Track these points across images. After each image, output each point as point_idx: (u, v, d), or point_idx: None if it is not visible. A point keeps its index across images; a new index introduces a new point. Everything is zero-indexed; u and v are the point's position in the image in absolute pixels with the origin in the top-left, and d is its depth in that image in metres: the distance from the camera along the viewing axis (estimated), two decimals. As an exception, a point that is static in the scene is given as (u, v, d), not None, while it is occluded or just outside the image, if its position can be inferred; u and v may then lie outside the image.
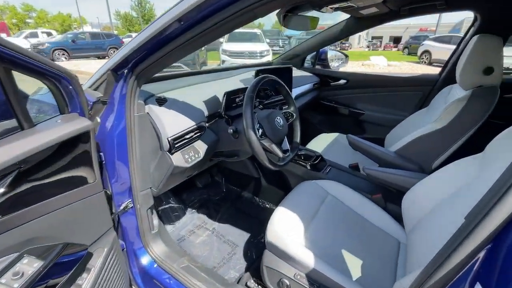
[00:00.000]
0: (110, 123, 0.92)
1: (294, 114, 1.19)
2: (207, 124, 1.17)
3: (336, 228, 1.01)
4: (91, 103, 0.89)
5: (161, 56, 0.80)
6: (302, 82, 1.90)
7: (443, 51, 10.95)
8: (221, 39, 9.68)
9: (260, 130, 0.99)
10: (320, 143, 1.77)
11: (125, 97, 0.89)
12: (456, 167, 0.91)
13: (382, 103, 1.96)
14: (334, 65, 2.32)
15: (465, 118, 1.15)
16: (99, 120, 0.93)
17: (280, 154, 1.05)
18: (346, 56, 2.35)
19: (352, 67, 10.06)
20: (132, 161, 0.95)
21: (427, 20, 29.72)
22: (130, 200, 1.02)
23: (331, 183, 1.23)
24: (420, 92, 1.81)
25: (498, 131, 0.83)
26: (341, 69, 2.34)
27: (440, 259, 0.46)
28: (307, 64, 2.26)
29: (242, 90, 1.18)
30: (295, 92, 1.76)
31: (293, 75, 1.73)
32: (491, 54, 1.14)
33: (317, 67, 2.24)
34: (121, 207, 1.00)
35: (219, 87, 1.29)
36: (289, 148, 1.13)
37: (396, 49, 25.42)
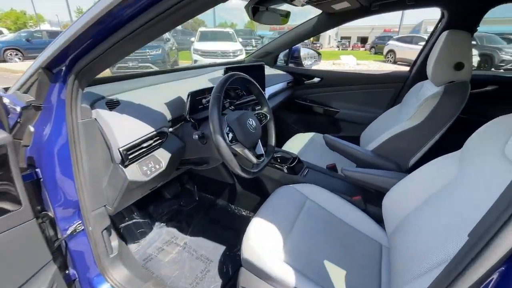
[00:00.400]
0: (47, 132, 0.76)
1: (268, 115, 1.10)
2: (170, 129, 1.04)
3: (316, 236, 0.94)
4: (20, 109, 0.73)
5: (107, 48, 0.65)
6: (275, 80, 1.82)
7: (406, 51, 11.70)
8: (192, 38, 9.40)
9: (230, 135, 0.89)
10: (296, 144, 1.71)
11: (64, 101, 0.73)
12: (434, 166, 0.89)
13: (356, 101, 1.95)
14: (307, 63, 2.28)
15: (439, 114, 1.14)
16: (32, 129, 0.77)
17: (254, 159, 0.95)
18: (319, 54, 2.32)
19: (324, 66, 10.27)
20: (79, 177, 0.80)
21: (390, 22, 31.62)
22: (79, 222, 0.86)
23: (309, 187, 1.16)
24: (392, 89, 1.82)
25: (470, 127, 0.81)
26: (314, 67, 2.30)
27: (444, 283, 0.39)
28: (279, 62, 2.19)
29: (210, 90, 1.07)
30: (268, 91, 1.68)
31: (266, 73, 1.64)
32: (461, 50, 1.15)
33: (290, 65, 2.18)
34: (68, 231, 0.84)
35: (185, 87, 1.17)
36: (264, 153, 1.04)
37: (364, 48, 26.61)
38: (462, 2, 1.39)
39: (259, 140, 1.04)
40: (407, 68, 1.84)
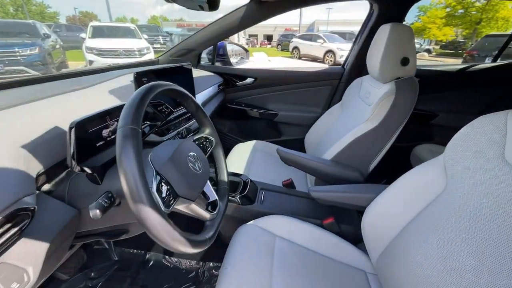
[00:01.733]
0: None
1: (213, 139, 0.76)
2: (46, 187, 0.58)
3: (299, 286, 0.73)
4: None
5: None
6: (204, 84, 1.47)
7: (308, 47, 13.10)
8: (83, 35, 7.74)
9: (164, 188, 0.51)
10: (239, 157, 1.44)
11: None
12: (417, 177, 0.76)
13: (294, 101, 1.80)
14: (233, 61, 2.00)
15: (397, 112, 1.08)
16: None
17: (207, 214, 0.62)
18: (247, 50, 2.07)
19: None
20: None
21: (289, 21, 35.07)
22: None
23: (273, 219, 0.94)
24: (328, 86, 1.74)
25: (417, 120, 0.71)
26: (243, 66, 2.05)
27: None
28: (203, 61, 1.84)
29: (115, 112, 0.65)
30: (199, 99, 1.32)
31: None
32: (406, 44, 1.10)
33: (217, 64, 1.86)
34: None
35: (69, 108, 0.71)
36: (216, 196, 0.70)
37: (270, 45, 28.49)
38: None
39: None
40: (311, 63, 1.82)
